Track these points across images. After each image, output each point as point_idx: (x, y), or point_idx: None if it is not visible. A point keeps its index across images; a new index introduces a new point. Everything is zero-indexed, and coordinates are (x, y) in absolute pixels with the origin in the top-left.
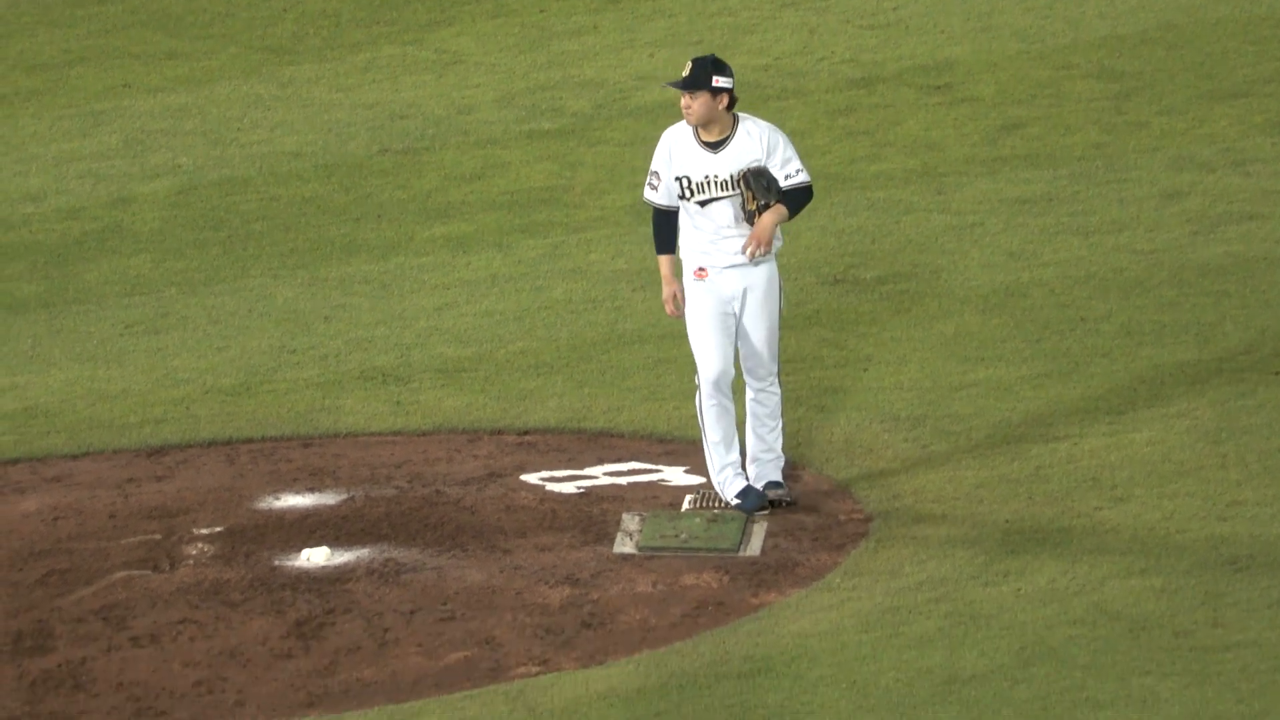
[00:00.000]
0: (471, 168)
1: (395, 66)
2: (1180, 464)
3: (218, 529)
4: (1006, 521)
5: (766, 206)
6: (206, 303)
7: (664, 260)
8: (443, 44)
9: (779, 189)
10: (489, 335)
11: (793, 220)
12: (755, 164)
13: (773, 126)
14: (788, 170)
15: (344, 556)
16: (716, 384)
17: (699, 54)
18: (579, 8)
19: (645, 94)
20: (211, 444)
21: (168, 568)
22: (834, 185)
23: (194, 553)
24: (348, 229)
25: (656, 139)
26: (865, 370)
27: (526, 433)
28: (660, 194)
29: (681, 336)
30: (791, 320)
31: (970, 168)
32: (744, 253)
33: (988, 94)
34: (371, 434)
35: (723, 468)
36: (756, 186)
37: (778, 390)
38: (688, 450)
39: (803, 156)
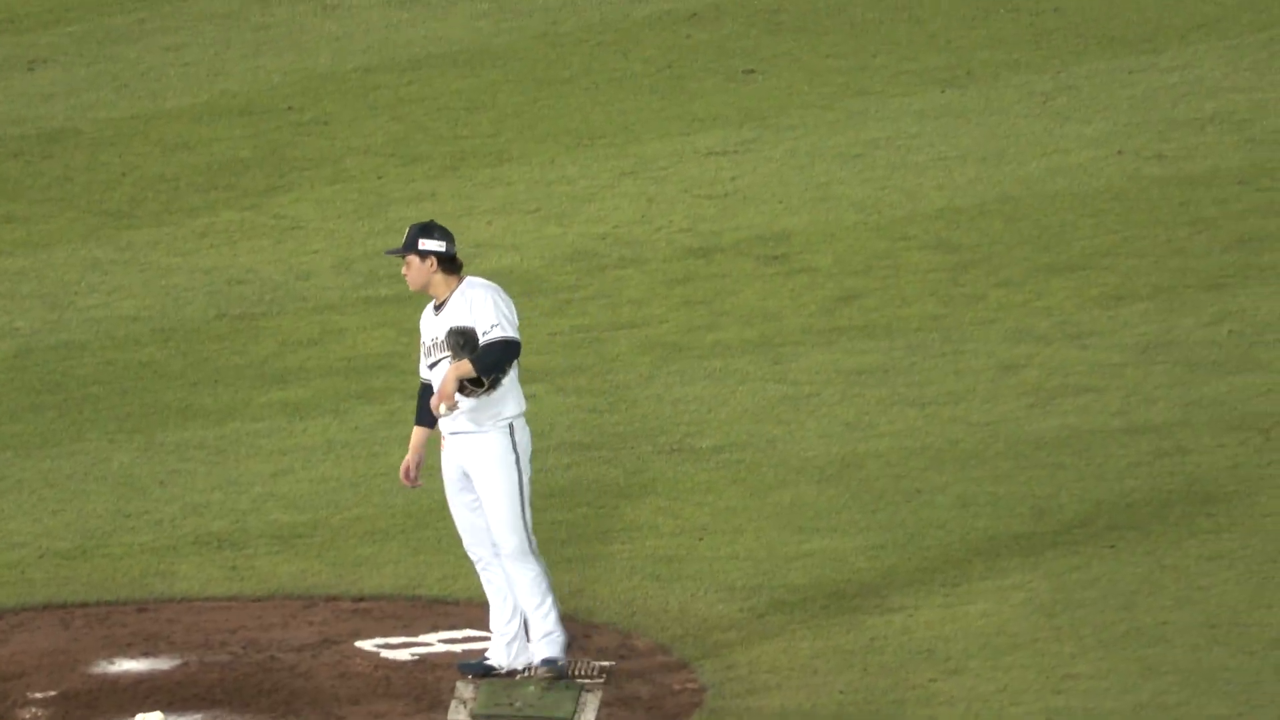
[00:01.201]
0: (309, 333)
1: (233, 231)
2: (1015, 636)
3: (51, 693)
4: (840, 693)
5: None
6: (42, 466)
7: (414, 430)
8: (281, 210)
9: (474, 346)
10: (325, 501)
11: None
12: (459, 325)
13: (490, 286)
14: (484, 326)
15: None
16: (468, 552)
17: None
18: (417, 175)
19: (483, 261)
20: (46, 607)
21: None
22: (671, 354)
23: (27, 717)
24: (184, 394)
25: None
26: (701, 540)
27: (361, 599)
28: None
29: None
30: (628, 488)
31: (807, 338)
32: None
33: (825, 264)
34: (206, 599)
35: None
36: (452, 345)
37: (531, 567)
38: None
39: (521, 316)
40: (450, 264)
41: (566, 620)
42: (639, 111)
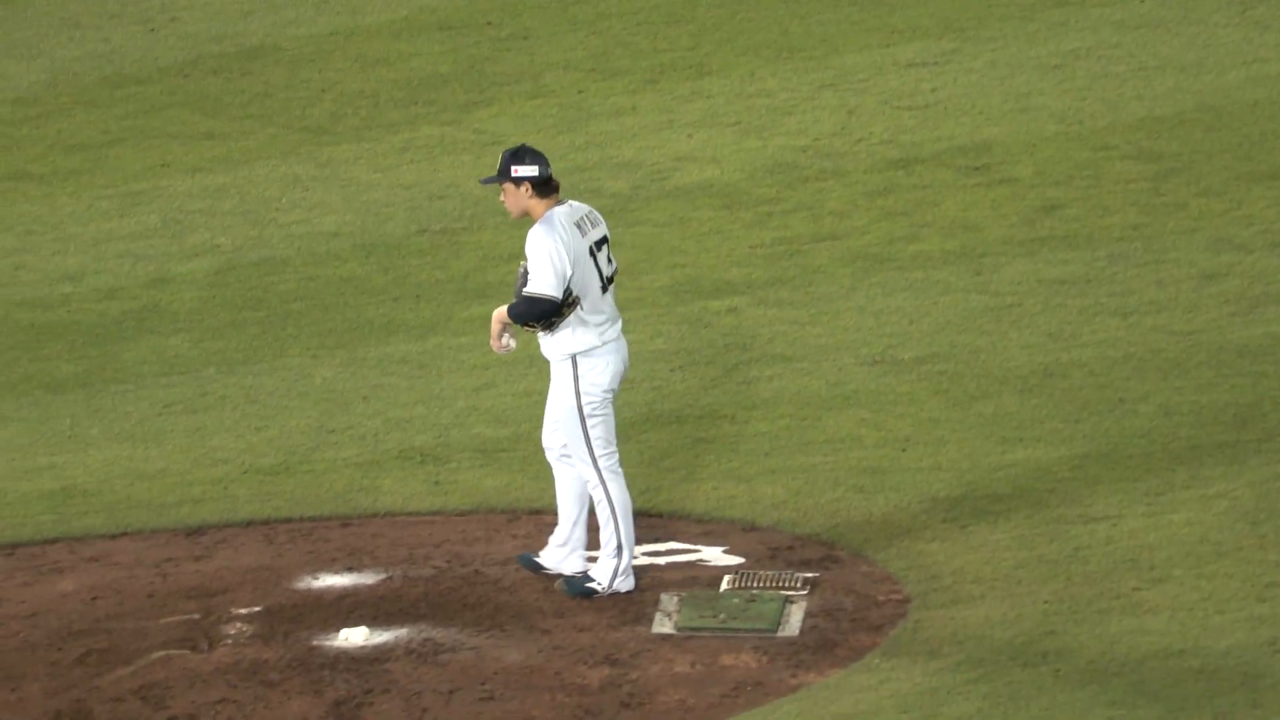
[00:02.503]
0: (509, 248)
1: (433, 147)
2: (1218, 545)
3: (256, 609)
4: (1045, 602)
5: None
6: (245, 382)
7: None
8: (481, 124)
9: (519, 290)
10: (527, 415)
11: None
12: (523, 262)
13: (551, 230)
14: (528, 275)
15: (382, 636)
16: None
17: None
18: (617, 89)
19: (683, 175)
20: (250, 524)
21: (206, 647)
22: (872, 266)
23: (232, 632)
24: (386, 309)
25: (696, 220)
26: (904, 451)
27: None
28: None
29: (721, 416)
30: (831, 400)
31: (1008, 248)
32: None
33: (1026, 175)
34: (410, 514)
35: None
36: (517, 285)
37: (599, 489)
38: (726, 530)
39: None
40: (544, 187)
41: (770, 531)
42: (838, 23)
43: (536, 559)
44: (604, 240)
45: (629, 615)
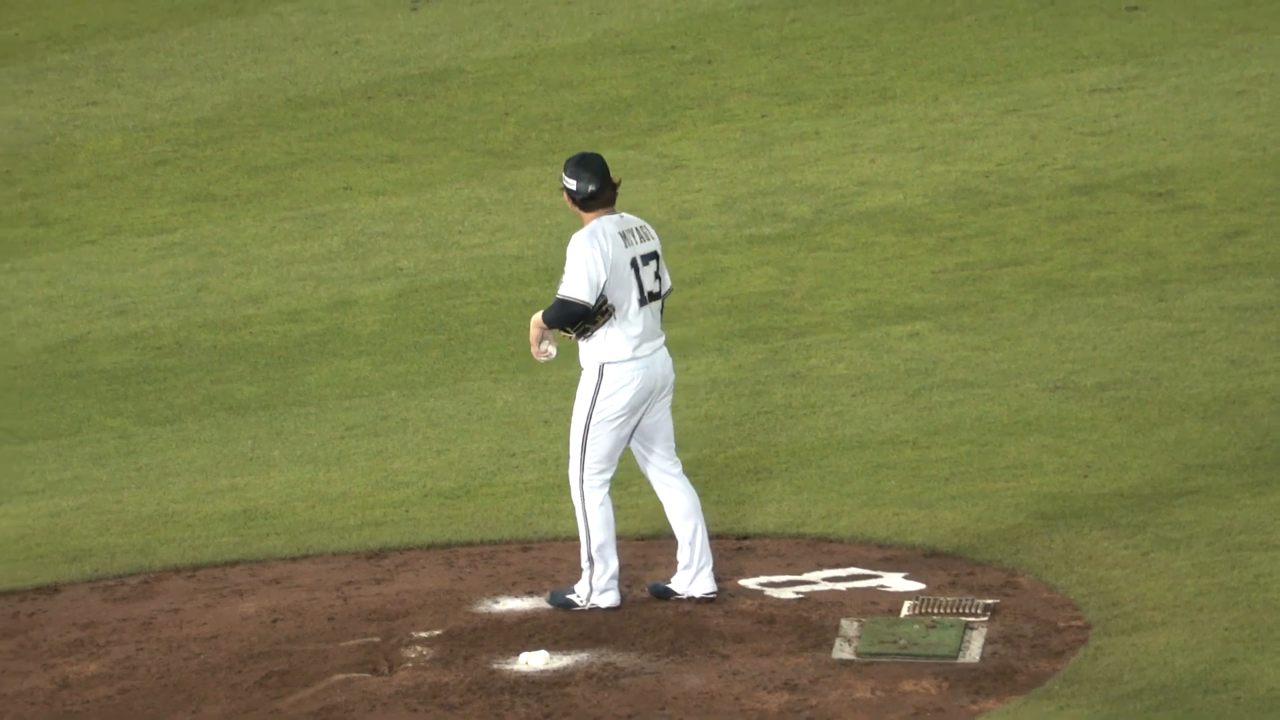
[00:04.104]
0: (692, 272)
1: (617, 171)
2: None
3: (436, 632)
4: (1226, 630)
5: None
6: (426, 406)
7: None
8: (664, 149)
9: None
10: (708, 439)
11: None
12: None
13: (591, 237)
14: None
15: (562, 660)
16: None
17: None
18: (801, 113)
19: (866, 199)
20: (431, 547)
21: (386, 670)
22: (1055, 291)
23: (413, 655)
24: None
25: (879, 244)
26: (1085, 477)
27: (745, 537)
28: None
29: (902, 441)
30: (1012, 426)
31: (1192, 274)
32: None
33: (1209, 201)
34: None
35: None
36: None
37: (578, 498)
38: (907, 556)
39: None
40: (590, 201)
41: (950, 557)
42: (1022, 49)
43: (668, 585)
44: (653, 256)
45: (809, 641)
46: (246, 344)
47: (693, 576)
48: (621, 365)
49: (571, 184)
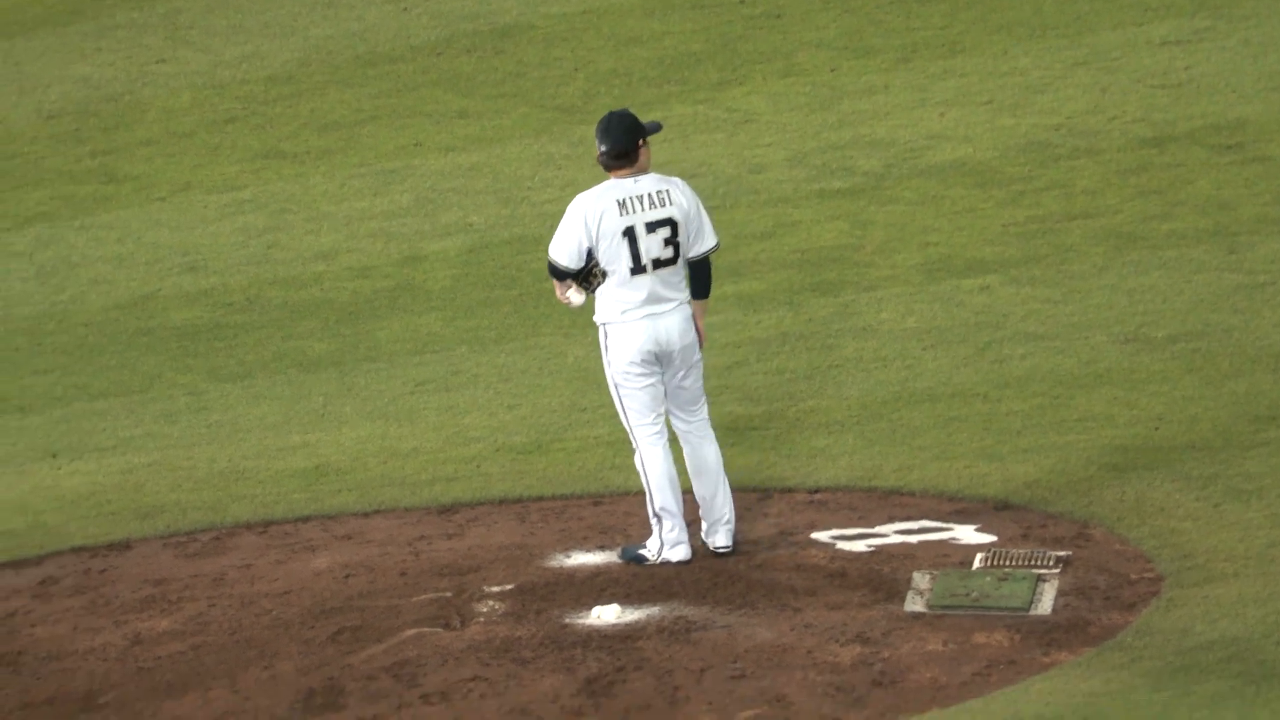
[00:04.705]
0: (762, 226)
1: (686, 125)
2: None
3: (508, 587)
4: None
5: None
6: (497, 361)
7: None
8: (734, 103)
9: None
10: (780, 393)
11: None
12: None
13: (583, 200)
14: None
15: (634, 614)
16: None
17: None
18: (870, 67)
19: (936, 153)
20: (502, 502)
21: (458, 625)
22: (1126, 244)
23: (485, 610)
24: None
25: (948, 198)
26: (1156, 429)
27: (817, 491)
28: None
29: (973, 394)
30: (1083, 378)
31: (1262, 226)
32: None
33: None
34: None
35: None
36: None
37: (637, 455)
38: (979, 509)
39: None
40: (610, 162)
41: (1022, 509)
42: (1091, 1)
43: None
44: (666, 222)
45: (880, 594)
46: (317, 300)
47: (706, 529)
48: (618, 325)
49: (599, 145)
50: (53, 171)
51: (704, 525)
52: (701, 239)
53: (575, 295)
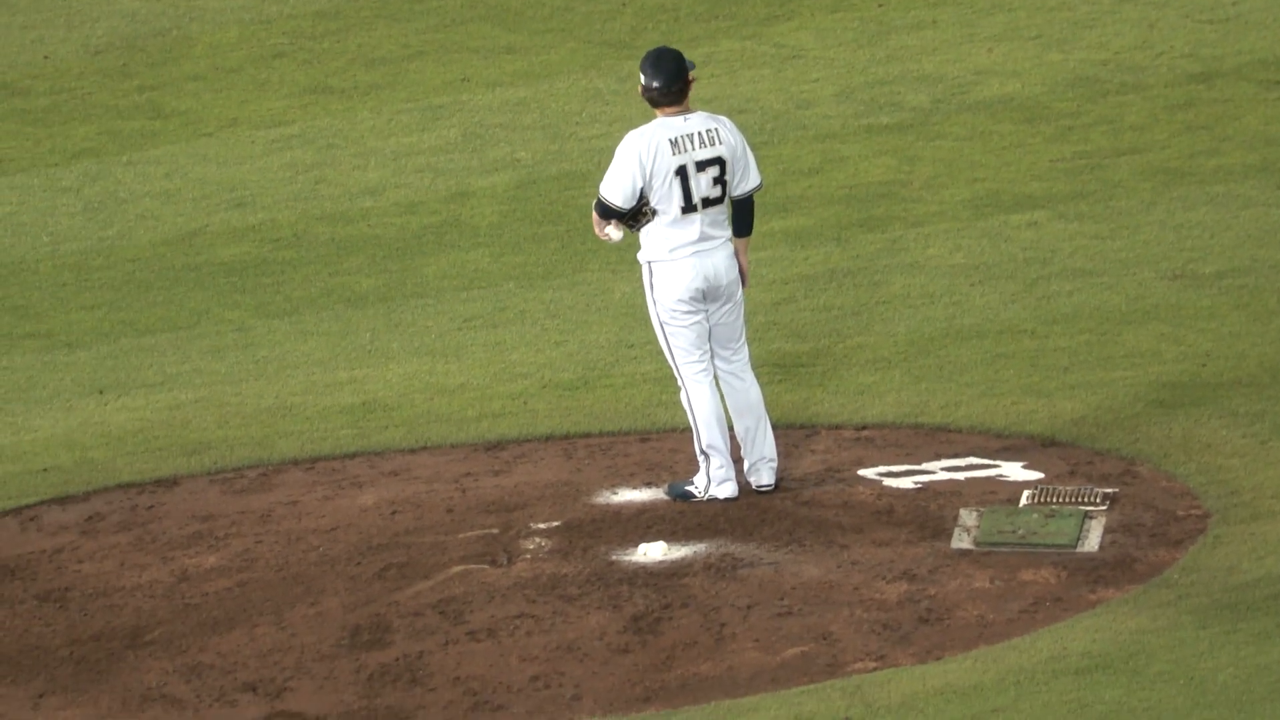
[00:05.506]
0: (810, 162)
1: (734, 61)
2: None
3: (555, 524)
4: None
5: None
6: (544, 297)
7: None
8: (781, 39)
9: None
10: (827, 330)
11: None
12: None
13: (634, 139)
14: None
15: (681, 551)
16: None
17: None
18: (918, 2)
19: (984, 89)
20: (549, 438)
21: (505, 562)
22: (1173, 180)
23: (531, 547)
24: None
25: (996, 134)
26: (1204, 366)
27: (864, 428)
28: None
29: (1020, 331)
30: (1130, 314)
31: None
32: None
33: None
34: None
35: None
36: None
37: (683, 393)
38: (1026, 446)
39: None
40: (651, 99)
41: (1069, 446)
42: None
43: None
44: (715, 161)
45: (927, 531)
46: (364, 236)
47: (748, 467)
48: (664, 264)
49: (641, 80)
50: (100, 107)
51: (746, 464)
52: (747, 178)
53: (615, 231)
